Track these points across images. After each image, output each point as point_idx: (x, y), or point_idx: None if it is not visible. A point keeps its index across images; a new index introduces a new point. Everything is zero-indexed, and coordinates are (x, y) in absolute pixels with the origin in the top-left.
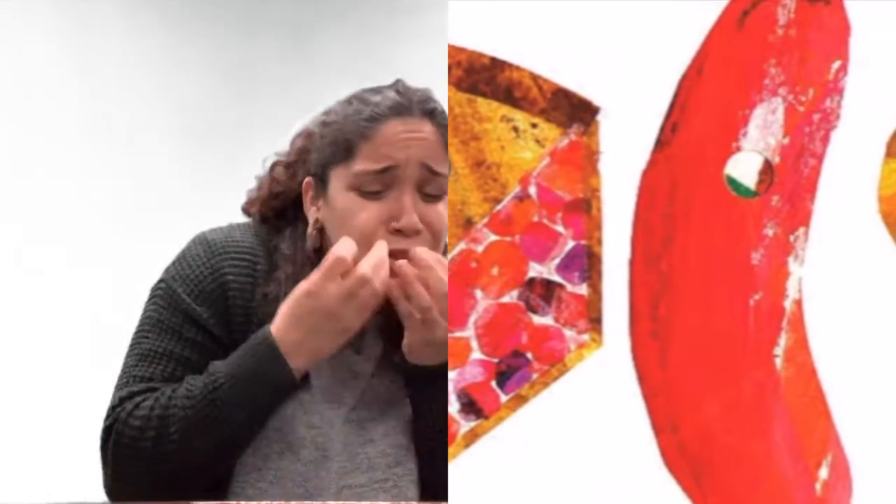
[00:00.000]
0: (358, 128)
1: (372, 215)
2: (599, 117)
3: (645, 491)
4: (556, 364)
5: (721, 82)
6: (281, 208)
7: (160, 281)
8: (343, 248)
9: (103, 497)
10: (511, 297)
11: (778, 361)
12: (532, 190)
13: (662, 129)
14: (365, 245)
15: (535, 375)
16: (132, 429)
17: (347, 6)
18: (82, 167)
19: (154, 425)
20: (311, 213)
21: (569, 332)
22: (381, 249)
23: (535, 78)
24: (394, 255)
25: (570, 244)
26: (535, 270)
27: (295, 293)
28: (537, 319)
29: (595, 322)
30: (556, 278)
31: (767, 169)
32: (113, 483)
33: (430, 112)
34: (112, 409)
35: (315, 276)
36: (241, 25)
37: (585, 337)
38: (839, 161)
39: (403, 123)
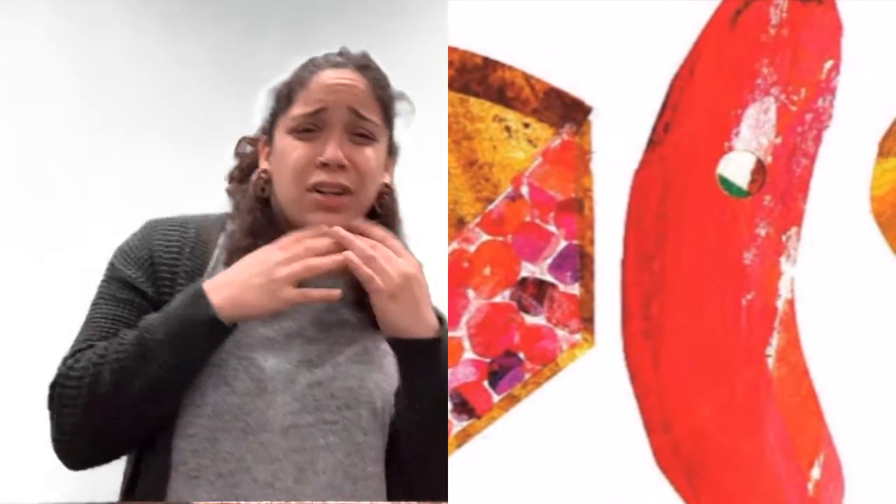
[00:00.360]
0: (297, 78)
1: (302, 153)
2: (591, 117)
3: (637, 490)
4: (548, 364)
5: (713, 82)
6: (242, 180)
7: (109, 260)
8: (313, 238)
9: (103, 497)
10: (503, 296)
11: (770, 361)
12: (524, 190)
13: (655, 129)
14: (296, 180)
15: (527, 375)
16: (71, 379)
17: (347, 6)
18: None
19: (91, 373)
20: (262, 165)
21: (561, 332)
22: (327, 234)
23: (527, 78)
24: (319, 187)
25: (563, 244)
26: (528, 270)
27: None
28: (529, 319)
29: (587, 322)
30: (549, 278)
31: (760, 169)
32: (58, 436)
33: (363, 66)
34: (60, 366)
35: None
36: (241, 25)
37: (578, 337)
38: (831, 161)
39: (334, 72)
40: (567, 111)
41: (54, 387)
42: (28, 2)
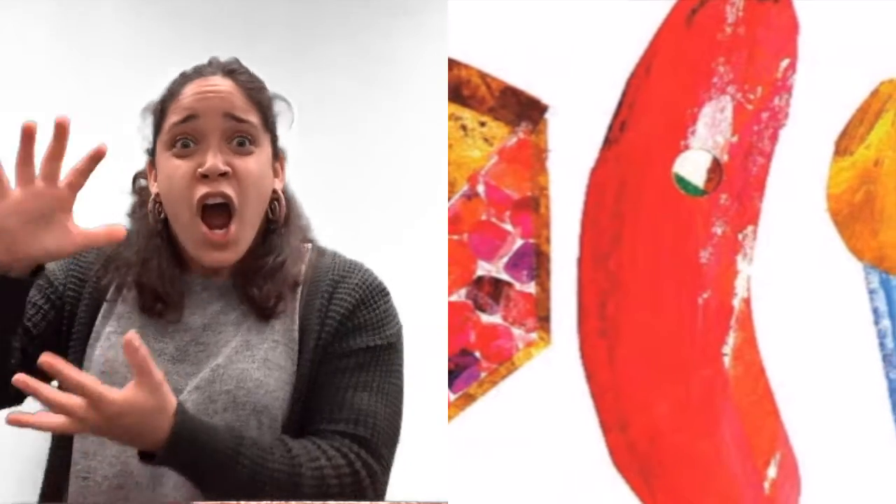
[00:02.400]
0: (168, 92)
1: (184, 170)
2: (548, 115)
3: (594, 489)
4: (504, 363)
5: (669, 80)
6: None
7: None
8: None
9: None
10: (459, 295)
11: (726, 360)
12: (480, 188)
13: (611, 128)
14: (182, 199)
15: (483, 374)
16: None
17: (347, 6)
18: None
19: None
20: (153, 189)
21: (517, 331)
22: None
23: (483, 76)
24: (204, 198)
25: (519, 243)
26: (484, 269)
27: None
28: (485, 318)
29: (543, 321)
30: (505, 277)
31: (716, 167)
32: None
33: (231, 71)
34: None
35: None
36: (241, 25)
37: (534, 335)
38: (788, 159)
39: (204, 81)
40: (523, 110)
41: None
42: (28, 1)
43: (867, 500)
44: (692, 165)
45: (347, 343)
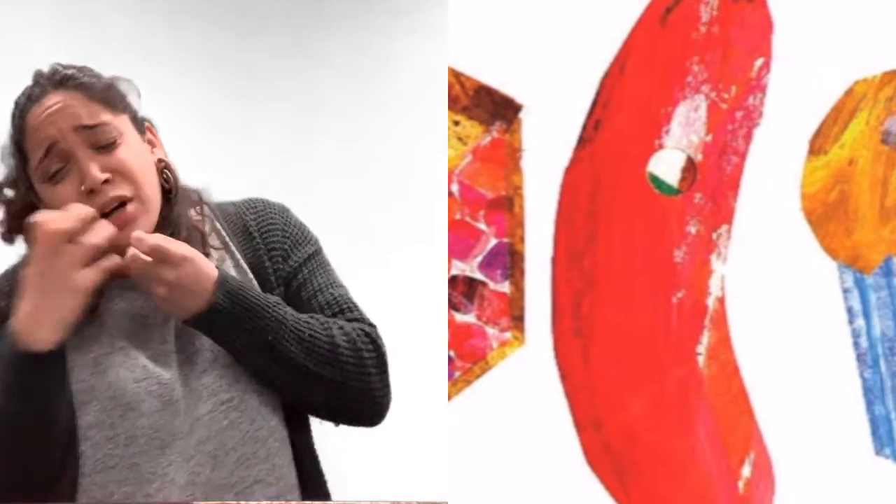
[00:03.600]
0: (15, 131)
1: (67, 194)
2: (522, 115)
3: (568, 489)
4: (478, 362)
5: (644, 80)
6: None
7: None
8: (37, 215)
9: None
10: None
11: (700, 359)
12: (454, 187)
13: (585, 127)
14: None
15: (457, 373)
16: None
17: (347, 5)
18: None
19: None
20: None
21: (491, 330)
22: (76, 209)
23: (457, 75)
24: (105, 213)
25: (493, 242)
26: (458, 268)
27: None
28: (459, 317)
29: (517, 320)
30: (479, 276)
31: (690, 166)
32: None
33: (59, 82)
34: None
35: (24, 254)
36: (242, 25)
37: (508, 335)
38: (762, 158)
39: (39, 106)
40: (497, 109)
41: None
42: (28, 2)
43: (841, 499)
44: (666, 165)
45: (295, 257)
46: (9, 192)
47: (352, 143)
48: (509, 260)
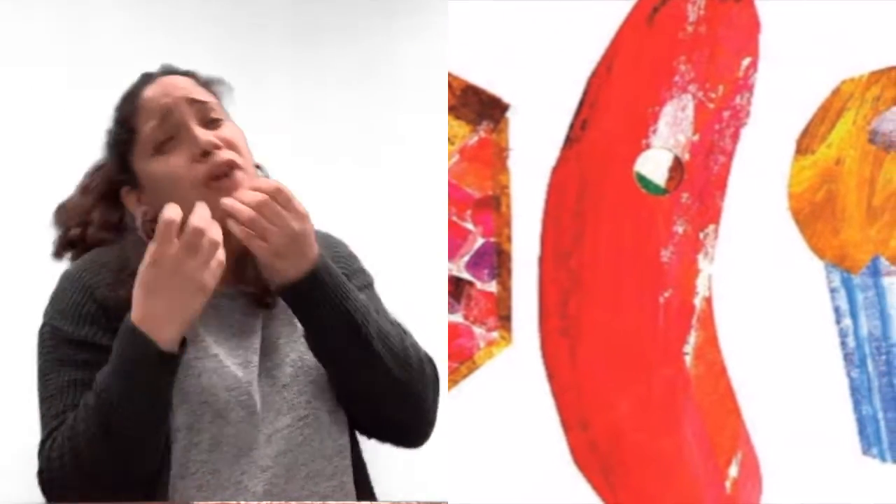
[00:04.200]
0: (125, 112)
1: (178, 161)
2: (509, 114)
3: (555, 488)
4: (465, 362)
5: (631, 79)
6: (100, 238)
7: (42, 325)
8: (168, 211)
9: None
10: None
11: (688, 359)
12: None
13: (572, 127)
14: (183, 189)
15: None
16: (53, 464)
17: (348, 6)
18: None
19: (68, 453)
20: (138, 212)
21: (478, 330)
22: (202, 208)
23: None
24: (217, 176)
25: (480, 241)
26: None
27: (140, 270)
28: (447, 317)
29: (504, 319)
30: (466, 276)
31: (677, 166)
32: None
33: (171, 71)
34: (38, 455)
35: (151, 247)
36: (242, 25)
37: (495, 334)
38: (749, 158)
39: (159, 82)
40: (484, 108)
41: (42, 475)
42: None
43: (828, 499)
44: (653, 164)
45: (353, 283)
46: (81, 201)
47: (351, 143)
48: (496, 259)
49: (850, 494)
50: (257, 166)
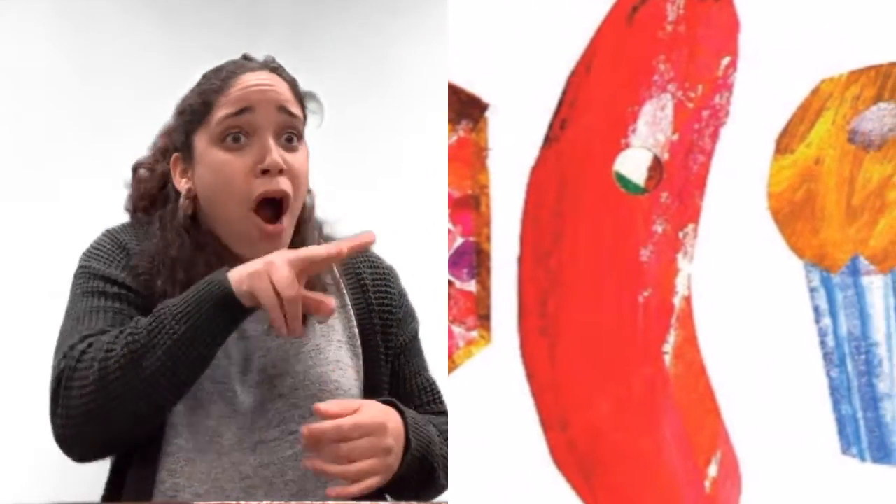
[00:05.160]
0: (212, 86)
1: (238, 165)
2: (488, 114)
3: (534, 488)
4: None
5: (610, 79)
6: (150, 206)
7: (78, 268)
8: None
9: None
10: None
11: (667, 358)
12: None
13: (551, 126)
14: (238, 196)
15: None
16: (83, 363)
17: (347, 6)
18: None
19: (103, 354)
20: (182, 186)
21: (457, 329)
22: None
23: None
24: (264, 195)
25: (459, 241)
26: None
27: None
28: None
29: (484, 319)
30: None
31: (656, 165)
32: (65, 424)
33: (277, 68)
34: (63, 356)
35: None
36: (241, 25)
37: (474, 334)
38: (728, 157)
39: (254, 75)
40: (463, 108)
41: (62, 372)
42: (28, 1)
43: (808, 498)
44: (633, 164)
45: (405, 331)
46: (144, 172)
47: (351, 142)
48: (475, 259)
49: (829, 493)
50: (308, 190)
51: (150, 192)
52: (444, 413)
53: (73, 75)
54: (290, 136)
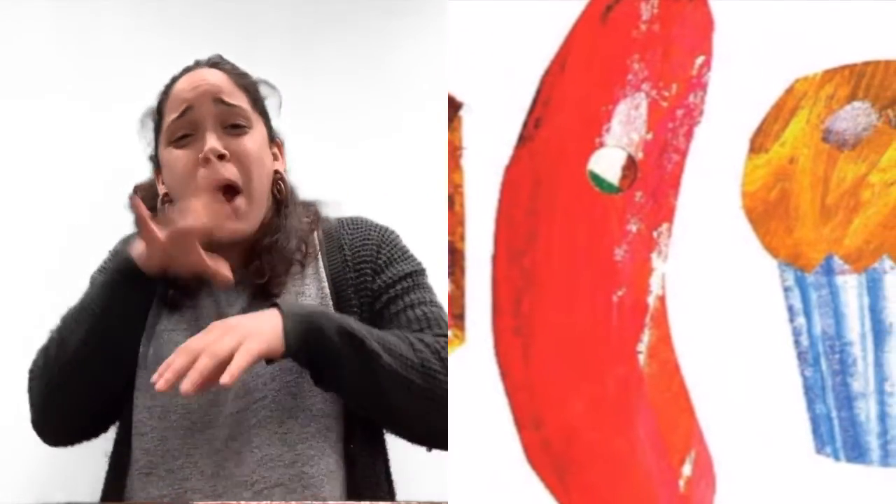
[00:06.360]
0: (161, 96)
1: (185, 159)
2: (462, 113)
3: (508, 488)
4: None
5: (584, 78)
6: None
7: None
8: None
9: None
10: None
11: (641, 358)
12: None
13: (525, 125)
14: (187, 187)
15: None
16: (36, 353)
17: (346, 7)
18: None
19: (46, 341)
20: (161, 190)
21: None
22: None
23: None
24: (215, 185)
25: None
26: None
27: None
28: None
29: (458, 318)
30: None
31: (630, 164)
32: (32, 413)
33: (215, 63)
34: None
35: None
36: (241, 26)
37: (449, 333)
38: (703, 157)
39: (191, 75)
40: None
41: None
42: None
43: (782, 498)
44: (607, 163)
45: (387, 274)
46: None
47: (351, 142)
48: (450, 258)
49: (803, 493)
50: (281, 178)
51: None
52: (445, 336)
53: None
54: (235, 124)
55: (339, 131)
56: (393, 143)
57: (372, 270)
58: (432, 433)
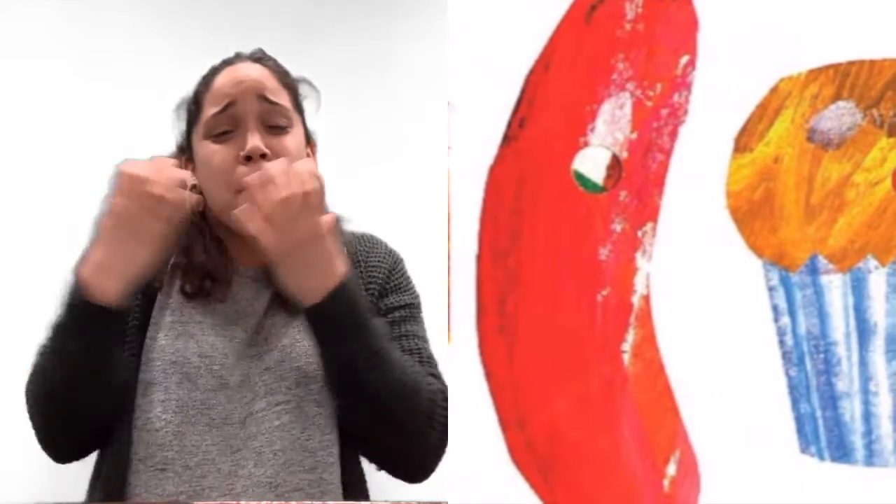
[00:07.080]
0: (199, 87)
1: (224, 154)
2: (447, 112)
3: (492, 487)
4: None
5: (568, 77)
6: None
7: None
8: (127, 164)
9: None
10: None
11: (626, 357)
12: None
13: (510, 125)
14: (224, 183)
15: None
16: (26, 392)
17: (347, 7)
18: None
19: (32, 368)
20: (189, 181)
21: None
22: (164, 163)
23: None
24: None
25: None
26: None
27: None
28: None
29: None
30: None
31: (615, 164)
32: (35, 433)
33: (259, 58)
34: None
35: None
36: (241, 26)
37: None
38: (687, 156)
39: (234, 69)
40: None
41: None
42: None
43: (767, 498)
44: (591, 162)
45: (390, 300)
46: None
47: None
48: None
49: (788, 492)
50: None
51: None
52: (437, 377)
53: (71, 75)
54: (277, 122)
55: (340, 131)
56: (393, 143)
57: (378, 292)
58: (390, 454)
